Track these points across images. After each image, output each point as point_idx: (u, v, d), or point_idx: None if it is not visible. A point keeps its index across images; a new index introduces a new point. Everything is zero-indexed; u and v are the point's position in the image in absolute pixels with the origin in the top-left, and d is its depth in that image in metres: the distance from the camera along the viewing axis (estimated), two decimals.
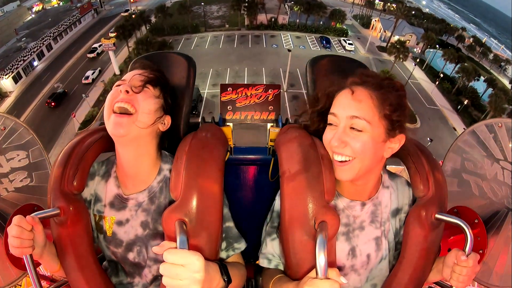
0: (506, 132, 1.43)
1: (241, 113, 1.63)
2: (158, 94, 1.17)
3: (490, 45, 51.93)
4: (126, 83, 1.12)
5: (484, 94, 34.69)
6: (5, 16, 42.06)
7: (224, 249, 1.18)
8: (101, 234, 1.21)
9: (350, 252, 1.17)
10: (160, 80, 1.20)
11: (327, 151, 1.15)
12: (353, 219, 1.18)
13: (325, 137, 1.10)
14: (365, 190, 1.17)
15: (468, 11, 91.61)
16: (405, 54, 34.74)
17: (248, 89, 1.62)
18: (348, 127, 1.03)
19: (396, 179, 1.25)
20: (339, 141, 1.03)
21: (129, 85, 1.11)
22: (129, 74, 1.17)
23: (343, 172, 1.05)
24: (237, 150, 1.67)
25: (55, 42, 39.22)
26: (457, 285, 1.00)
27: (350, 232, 1.17)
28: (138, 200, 1.18)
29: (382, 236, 1.19)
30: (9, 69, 30.89)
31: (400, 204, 1.22)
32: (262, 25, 44.96)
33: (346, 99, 1.05)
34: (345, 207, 1.18)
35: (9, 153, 1.46)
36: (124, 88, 1.09)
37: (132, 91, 1.10)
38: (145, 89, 1.13)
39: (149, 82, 1.15)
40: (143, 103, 1.10)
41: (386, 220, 1.20)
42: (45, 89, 31.08)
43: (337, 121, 1.06)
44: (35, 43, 36.25)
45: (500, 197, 1.46)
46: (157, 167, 1.20)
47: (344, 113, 1.03)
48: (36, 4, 49.73)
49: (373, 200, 1.18)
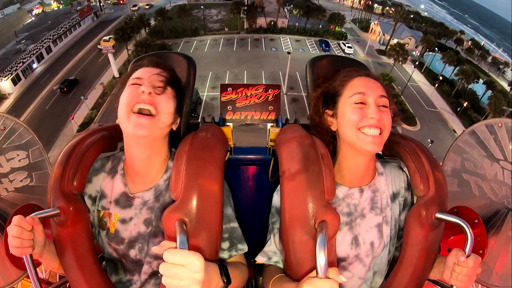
0: (506, 132, 1.44)
1: (241, 113, 1.63)
2: (175, 95, 1.17)
3: (488, 48, 52.15)
4: (145, 82, 1.10)
5: (483, 97, 34.81)
6: (5, 18, 42.06)
7: (227, 249, 1.17)
8: (103, 230, 1.21)
9: (353, 241, 1.18)
10: (177, 80, 1.21)
11: (327, 150, 1.16)
12: (354, 207, 1.20)
13: (352, 116, 1.12)
14: (367, 173, 1.22)
15: (467, 15, 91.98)
16: (405, 56, 34.79)
17: (248, 89, 1.62)
18: (377, 105, 1.10)
19: (388, 165, 1.30)
20: (378, 114, 1.08)
21: (150, 85, 1.09)
22: (145, 72, 1.14)
23: (376, 145, 1.09)
24: (237, 150, 1.68)
25: (54, 45, 39.20)
26: (457, 285, 1.00)
27: (353, 221, 1.19)
28: (144, 198, 1.18)
29: (383, 222, 1.21)
30: (8, 71, 30.84)
31: (397, 188, 1.25)
32: (261, 28, 45.00)
33: (371, 82, 1.15)
34: (345, 195, 1.20)
35: (9, 153, 1.46)
36: (147, 89, 1.07)
37: (154, 92, 1.09)
38: (166, 91, 1.13)
39: (170, 84, 1.15)
40: (165, 105, 1.10)
41: (386, 206, 1.22)
42: (44, 91, 31.12)
43: (366, 99, 1.11)
44: (35, 45, 36.22)
45: (500, 197, 1.46)
46: (165, 165, 1.21)
47: (374, 92, 1.11)
48: (36, 7, 49.78)
49: (370, 186, 1.22)
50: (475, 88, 35.47)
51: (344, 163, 1.21)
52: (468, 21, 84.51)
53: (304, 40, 44.36)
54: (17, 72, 32.04)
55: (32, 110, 28.59)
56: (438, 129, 29.75)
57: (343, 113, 1.14)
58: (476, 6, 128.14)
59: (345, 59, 1.48)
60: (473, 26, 78.18)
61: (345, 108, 1.14)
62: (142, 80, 1.12)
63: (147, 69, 1.16)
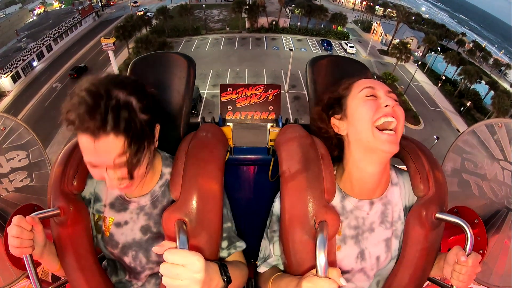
0: (506, 132, 1.44)
1: (241, 113, 1.63)
2: (127, 145, 0.91)
3: (490, 50, 52.03)
4: (101, 166, 0.93)
5: (486, 97, 34.81)
6: (6, 17, 42.16)
7: (225, 247, 1.17)
8: (99, 234, 1.20)
9: (359, 256, 1.15)
10: (129, 125, 0.89)
11: (327, 150, 1.15)
12: (362, 220, 1.15)
13: (365, 108, 1.04)
14: (380, 184, 1.13)
15: (468, 18, 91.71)
16: (407, 55, 34.77)
17: (248, 89, 1.62)
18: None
19: (405, 174, 1.21)
20: (392, 102, 1.03)
21: (110, 167, 0.93)
22: (94, 153, 0.89)
23: (392, 144, 1.01)
24: (237, 150, 1.67)
25: (55, 43, 39.31)
26: (457, 284, 1.00)
27: (360, 235, 1.15)
28: (140, 203, 1.16)
29: (393, 236, 1.16)
30: (8, 68, 30.99)
31: (410, 201, 1.18)
32: (263, 28, 45.02)
33: (376, 81, 1.11)
34: (354, 208, 1.15)
35: (9, 153, 1.46)
36: (108, 175, 0.95)
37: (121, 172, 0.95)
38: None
39: (133, 160, 0.94)
40: (138, 174, 1.00)
41: (398, 220, 1.16)
42: (43, 89, 31.26)
43: (376, 92, 1.06)
44: (35, 43, 36.35)
45: (500, 197, 1.46)
46: (159, 171, 1.18)
47: (383, 87, 1.08)
48: (38, 7, 49.87)
49: (382, 199, 1.15)
50: (477, 89, 35.48)
51: (355, 172, 1.12)
52: (469, 24, 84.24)
53: (306, 40, 44.41)
54: (17, 70, 32.21)
55: (31, 107, 28.69)
56: (441, 128, 29.78)
57: (353, 109, 1.07)
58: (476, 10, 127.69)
59: (345, 59, 1.48)
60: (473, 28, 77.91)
61: (356, 103, 1.07)
62: (94, 163, 0.94)
63: (86, 145, 0.89)
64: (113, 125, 0.84)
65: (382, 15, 57.42)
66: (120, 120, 0.85)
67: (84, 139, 0.87)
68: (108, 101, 0.85)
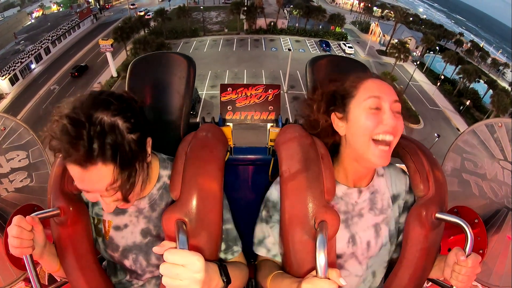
0: (506, 132, 1.44)
1: (241, 113, 1.63)
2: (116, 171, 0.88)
3: (488, 50, 52.20)
4: (94, 191, 0.92)
5: (485, 96, 34.94)
6: (4, 20, 42.08)
7: (223, 251, 1.17)
8: (99, 237, 1.20)
9: (350, 240, 1.17)
10: (115, 152, 0.85)
11: (327, 150, 1.15)
12: (351, 206, 1.18)
13: (367, 123, 1.04)
14: (367, 175, 1.19)
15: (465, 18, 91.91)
16: (406, 54, 34.84)
17: (248, 89, 1.62)
18: (392, 111, 1.04)
19: (390, 167, 1.26)
20: (394, 121, 1.03)
21: (104, 194, 0.92)
22: (85, 182, 0.88)
23: (384, 159, 1.04)
24: (237, 150, 1.67)
25: (53, 46, 39.23)
26: (456, 284, 1.00)
27: (349, 220, 1.17)
28: (139, 206, 1.15)
29: (382, 223, 1.19)
30: (6, 71, 30.93)
31: (397, 190, 1.23)
32: (261, 29, 44.98)
33: (384, 85, 1.08)
34: (343, 194, 1.18)
35: (9, 153, 1.46)
36: (103, 200, 0.94)
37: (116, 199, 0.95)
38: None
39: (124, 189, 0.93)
40: (135, 192, 0.99)
41: (387, 208, 1.20)
42: (41, 91, 31.29)
43: (381, 104, 1.04)
44: (33, 46, 36.27)
45: (500, 197, 1.46)
46: (156, 174, 1.16)
47: (389, 97, 1.05)
48: (36, 10, 49.77)
49: (369, 188, 1.19)
50: (476, 88, 35.62)
51: (347, 166, 1.16)
52: (467, 24, 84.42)
53: (304, 41, 44.40)
54: (15, 72, 32.15)
55: (29, 109, 28.68)
56: (441, 127, 29.84)
57: (356, 118, 1.07)
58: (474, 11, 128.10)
59: (345, 59, 1.48)
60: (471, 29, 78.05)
61: (359, 113, 1.06)
62: (87, 192, 0.93)
63: (75, 175, 0.88)
64: (99, 153, 0.81)
65: (380, 16, 57.57)
66: (105, 148, 0.82)
67: (72, 169, 0.85)
68: (91, 128, 0.80)
